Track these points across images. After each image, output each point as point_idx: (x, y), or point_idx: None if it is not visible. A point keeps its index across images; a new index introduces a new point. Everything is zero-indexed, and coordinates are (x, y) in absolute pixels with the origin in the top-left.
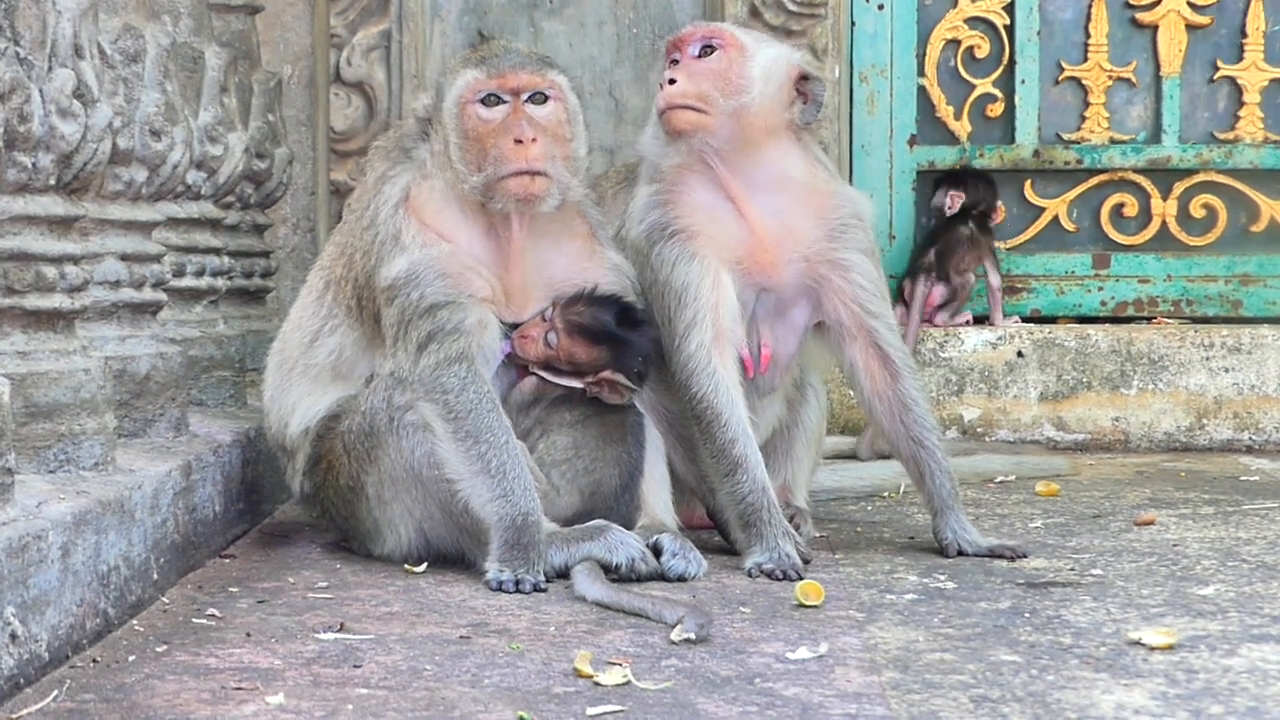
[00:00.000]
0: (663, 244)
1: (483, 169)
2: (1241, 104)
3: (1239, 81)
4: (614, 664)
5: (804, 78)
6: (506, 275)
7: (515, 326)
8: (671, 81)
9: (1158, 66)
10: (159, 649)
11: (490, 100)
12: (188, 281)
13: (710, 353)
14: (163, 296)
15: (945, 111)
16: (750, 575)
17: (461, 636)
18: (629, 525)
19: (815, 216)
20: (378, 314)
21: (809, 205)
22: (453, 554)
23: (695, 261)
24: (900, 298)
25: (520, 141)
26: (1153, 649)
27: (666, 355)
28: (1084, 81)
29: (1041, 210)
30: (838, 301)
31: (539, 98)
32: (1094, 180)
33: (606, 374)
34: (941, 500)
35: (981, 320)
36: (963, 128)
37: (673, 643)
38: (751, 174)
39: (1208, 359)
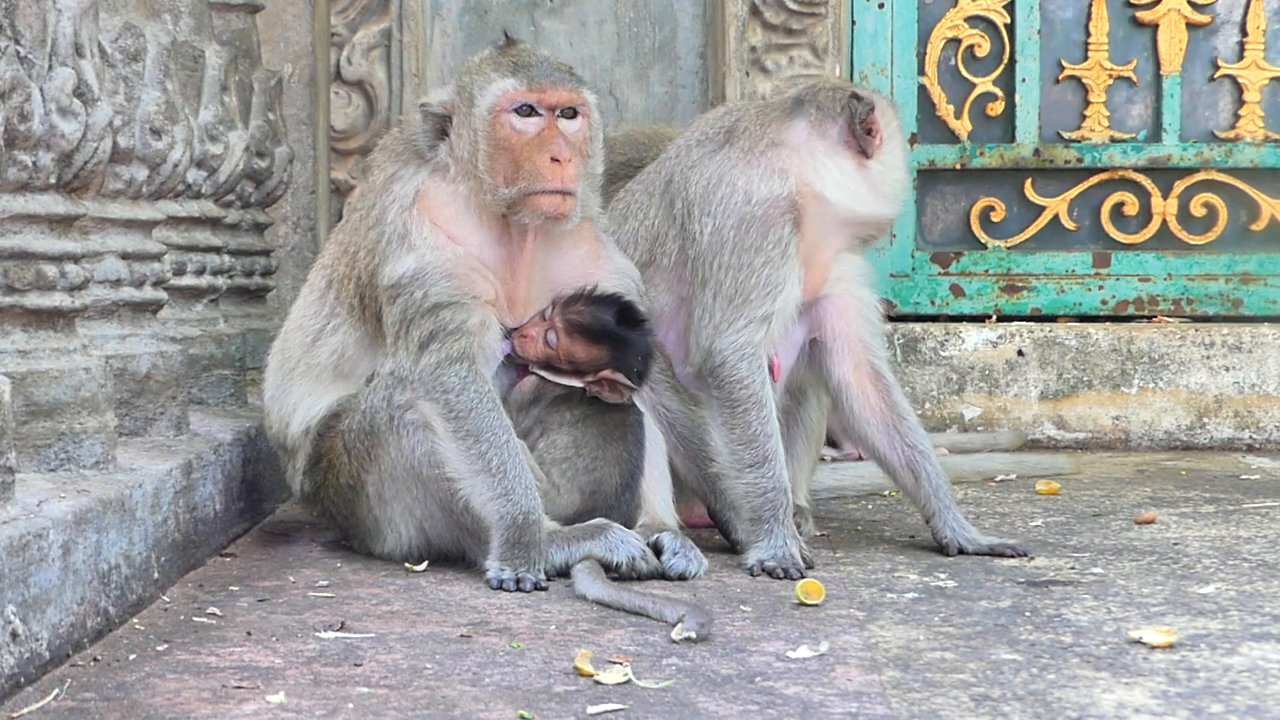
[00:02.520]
0: (783, 224)
1: (515, 182)
2: (1242, 103)
3: (1239, 80)
4: (615, 663)
5: None
6: (513, 282)
7: (517, 328)
8: None
9: (1158, 65)
10: (160, 648)
11: (524, 111)
12: (188, 280)
13: (765, 348)
14: (163, 295)
15: (946, 110)
16: (752, 573)
17: (462, 635)
18: (629, 524)
19: (855, 243)
20: (380, 313)
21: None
22: (453, 553)
23: (797, 265)
24: None
25: (557, 160)
26: (1153, 648)
27: (714, 329)
28: (1084, 80)
29: (1042, 209)
30: (843, 315)
31: (569, 112)
32: (1094, 179)
33: (606, 373)
34: (939, 500)
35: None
36: (963, 126)
37: (673, 641)
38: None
39: (1208, 358)
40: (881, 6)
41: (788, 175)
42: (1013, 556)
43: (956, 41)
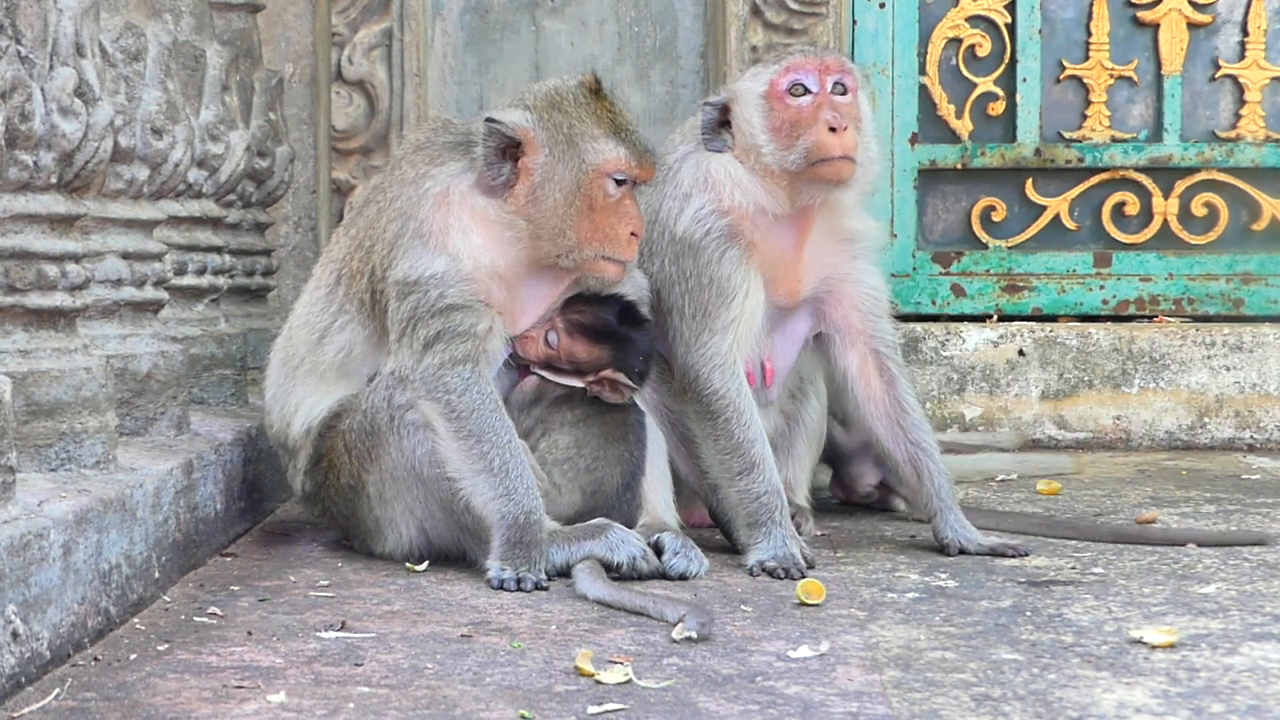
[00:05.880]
0: (722, 241)
1: (591, 244)
2: (1243, 102)
3: (1240, 80)
4: (615, 662)
5: None
6: (535, 306)
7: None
8: (834, 129)
9: (1159, 65)
10: (160, 647)
11: (621, 180)
12: (189, 280)
13: (737, 354)
14: (164, 295)
15: (947, 110)
16: (752, 573)
17: (463, 635)
18: (630, 524)
19: (843, 243)
20: (388, 308)
21: (841, 235)
22: (454, 552)
23: (751, 270)
24: None
25: (635, 235)
26: (1154, 647)
27: (685, 346)
28: (1085, 80)
29: (1043, 209)
30: (846, 307)
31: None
32: (1095, 179)
33: (607, 373)
34: (941, 500)
35: (984, 318)
36: (964, 126)
37: (674, 641)
38: (824, 216)
39: (1209, 357)
40: (882, 6)
41: (690, 197)
42: (1013, 556)
43: (957, 41)
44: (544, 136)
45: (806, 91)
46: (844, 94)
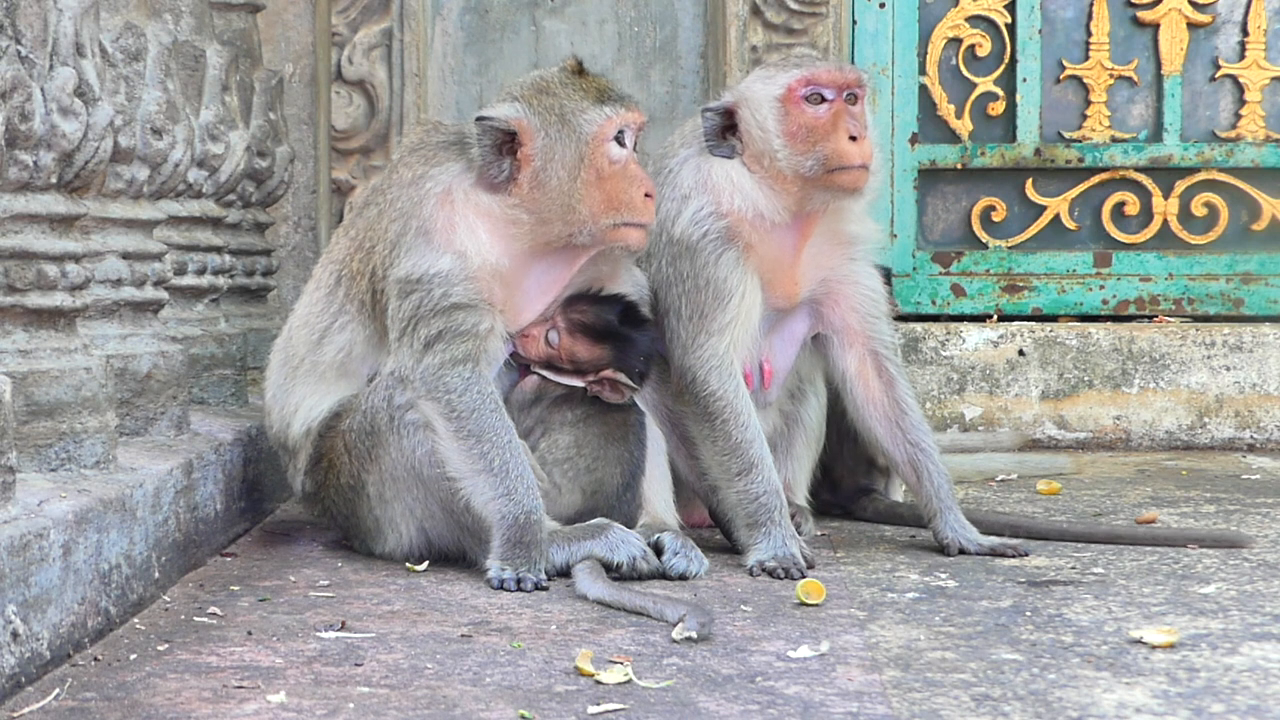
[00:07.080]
0: (719, 243)
1: (609, 214)
2: (1243, 102)
3: (1240, 80)
4: (615, 662)
5: None
6: (540, 297)
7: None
8: (854, 138)
9: (1159, 65)
10: (160, 647)
11: (620, 139)
12: (189, 280)
13: (734, 355)
14: (164, 295)
15: (946, 110)
16: (752, 573)
17: (463, 635)
18: (631, 524)
19: (842, 246)
20: (388, 308)
21: (840, 239)
22: (454, 552)
23: (748, 272)
24: None
25: (649, 195)
26: (1154, 647)
27: (682, 348)
28: (1085, 80)
29: (1043, 209)
30: (844, 309)
31: (636, 140)
32: (1095, 179)
33: (608, 373)
34: (940, 500)
35: (984, 318)
36: (964, 126)
37: (674, 641)
38: (826, 221)
39: (1209, 357)
40: (882, 6)
41: (688, 199)
42: (1013, 556)
43: (957, 41)
44: (537, 121)
45: (824, 99)
46: (855, 102)
